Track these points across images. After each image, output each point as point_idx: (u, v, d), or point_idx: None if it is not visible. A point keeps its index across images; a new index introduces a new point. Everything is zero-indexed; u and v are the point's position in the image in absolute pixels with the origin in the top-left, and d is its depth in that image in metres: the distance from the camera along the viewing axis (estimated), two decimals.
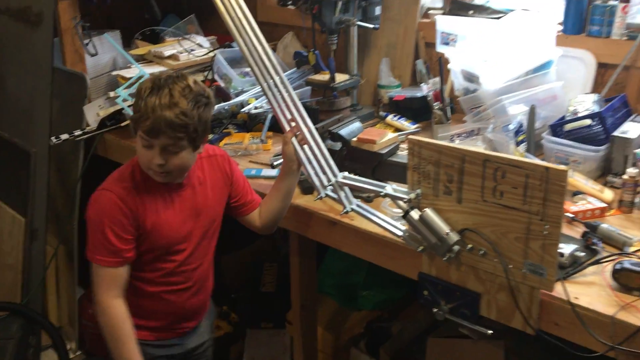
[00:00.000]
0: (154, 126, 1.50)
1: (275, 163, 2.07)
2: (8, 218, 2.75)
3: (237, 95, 2.56)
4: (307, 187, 1.93)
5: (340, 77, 2.49)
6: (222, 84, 2.60)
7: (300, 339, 2.29)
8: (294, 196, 1.91)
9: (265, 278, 3.03)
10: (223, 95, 2.61)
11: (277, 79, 1.79)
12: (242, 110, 2.46)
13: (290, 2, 3.02)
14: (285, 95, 1.78)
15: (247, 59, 1.80)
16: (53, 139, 2.35)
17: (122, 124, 2.39)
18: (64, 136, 2.36)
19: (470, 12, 2.49)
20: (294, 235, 2.04)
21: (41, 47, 2.40)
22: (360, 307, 2.69)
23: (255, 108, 2.44)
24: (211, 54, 2.67)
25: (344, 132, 1.90)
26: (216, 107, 2.45)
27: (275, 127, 2.37)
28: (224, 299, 3.01)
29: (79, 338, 2.90)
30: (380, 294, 2.68)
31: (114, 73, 2.54)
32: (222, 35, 3.06)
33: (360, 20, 2.52)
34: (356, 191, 1.77)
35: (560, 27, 2.29)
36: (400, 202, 1.50)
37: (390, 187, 1.56)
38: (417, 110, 2.45)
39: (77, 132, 2.39)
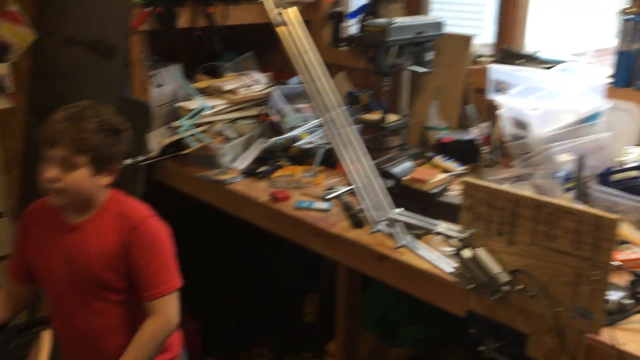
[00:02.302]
0: (51, 135, 1.50)
1: (327, 197, 2.15)
2: None
3: (290, 130, 2.67)
4: (358, 222, 2.00)
5: (391, 117, 2.58)
6: (276, 119, 2.72)
7: None
8: (345, 229, 1.99)
9: (306, 308, 3.08)
10: (276, 129, 2.73)
11: (337, 111, 1.89)
12: (295, 144, 2.57)
13: (344, 44, 3.17)
14: (343, 129, 1.87)
15: (309, 92, 1.89)
16: None
17: (182, 152, 2.51)
18: (128, 161, 2.49)
19: (520, 60, 2.57)
20: (342, 268, 2.10)
21: (112, 78, 2.55)
22: (400, 344, 2.71)
23: (308, 143, 2.54)
24: (268, 90, 2.80)
25: (396, 170, 1.98)
26: (271, 140, 2.58)
27: (326, 162, 2.47)
28: (265, 326, 3.07)
29: None
30: (421, 331, 2.70)
31: (177, 104, 2.68)
32: (278, 72, 3.20)
33: (413, 64, 2.62)
34: (406, 227, 1.84)
35: (611, 80, 2.35)
36: (453, 241, 1.56)
37: (443, 225, 1.63)
38: (463, 152, 2.52)
39: (140, 158, 2.52)
